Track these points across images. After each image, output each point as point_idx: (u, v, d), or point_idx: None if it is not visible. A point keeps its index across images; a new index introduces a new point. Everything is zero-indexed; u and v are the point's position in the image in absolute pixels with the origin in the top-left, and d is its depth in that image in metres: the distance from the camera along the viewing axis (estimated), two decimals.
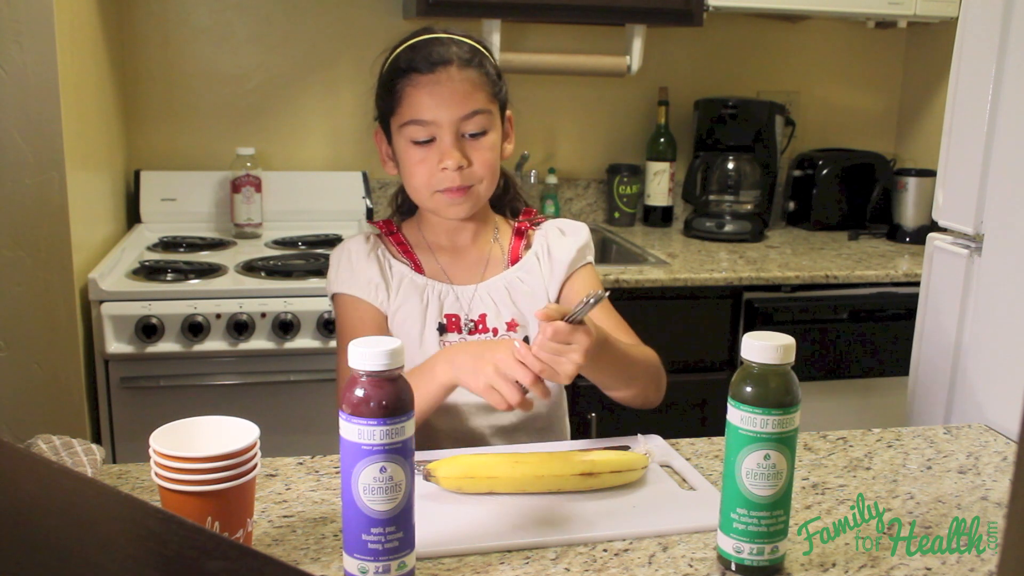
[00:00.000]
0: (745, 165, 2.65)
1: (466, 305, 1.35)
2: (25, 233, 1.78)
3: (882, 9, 2.53)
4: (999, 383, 1.43)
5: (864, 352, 2.33)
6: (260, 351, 1.95)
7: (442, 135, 1.28)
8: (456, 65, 1.28)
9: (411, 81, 1.28)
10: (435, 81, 1.27)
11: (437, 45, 1.30)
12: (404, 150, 1.32)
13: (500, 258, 1.40)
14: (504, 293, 1.36)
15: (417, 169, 1.30)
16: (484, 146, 1.31)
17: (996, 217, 1.45)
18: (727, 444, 0.93)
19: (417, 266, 1.37)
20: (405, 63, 1.30)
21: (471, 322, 1.35)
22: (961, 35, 1.53)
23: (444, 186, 1.30)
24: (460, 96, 1.28)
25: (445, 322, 1.34)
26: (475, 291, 1.36)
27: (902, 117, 3.02)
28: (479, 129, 1.30)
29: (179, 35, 2.51)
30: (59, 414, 1.84)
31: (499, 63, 1.39)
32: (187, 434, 0.93)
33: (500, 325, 1.35)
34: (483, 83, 1.31)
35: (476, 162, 1.30)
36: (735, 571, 0.93)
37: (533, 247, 1.41)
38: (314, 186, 2.54)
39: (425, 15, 2.31)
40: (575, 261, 1.39)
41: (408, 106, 1.29)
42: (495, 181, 1.36)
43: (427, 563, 0.94)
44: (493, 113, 1.32)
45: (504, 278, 1.38)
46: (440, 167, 1.29)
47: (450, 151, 1.28)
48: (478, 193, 1.33)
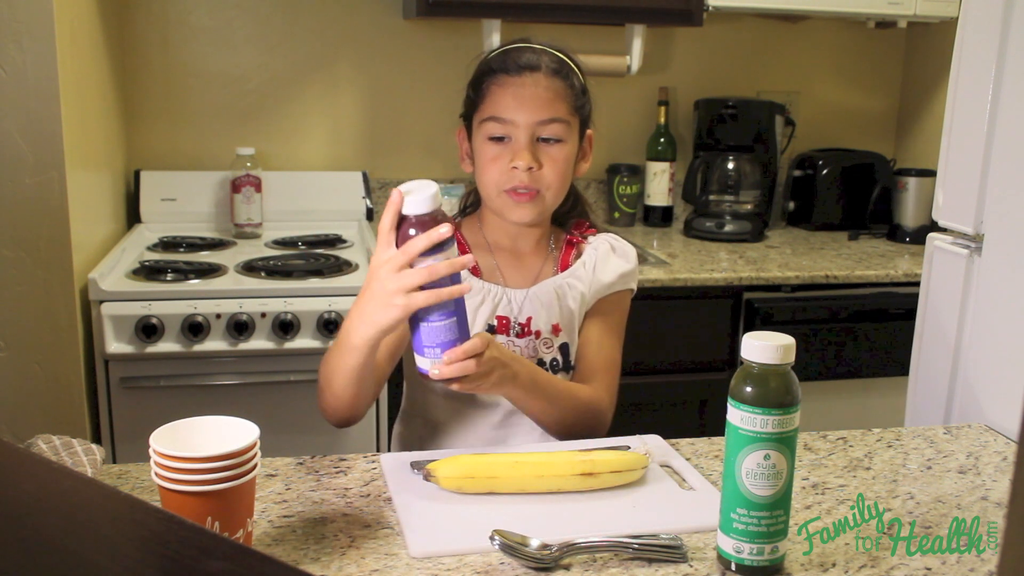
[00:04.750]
0: (745, 165, 2.65)
1: (516, 308, 1.37)
2: (25, 233, 1.78)
3: (882, 9, 2.53)
4: (999, 383, 1.43)
5: (864, 352, 2.33)
6: (260, 351, 1.95)
7: (517, 135, 1.31)
8: (543, 72, 1.32)
9: (497, 80, 1.32)
10: (520, 84, 1.31)
11: (528, 52, 1.33)
12: (480, 146, 1.34)
13: (553, 266, 1.42)
14: (553, 297, 1.38)
15: (490, 166, 1.32)
16: (557, 154, 1.32)
17: (996, 217, 1.45)
18: (727, 444, 0.93)
19: (474, 268, 1.38)
20: (496, 64, 1.34)
21: (519, 325, 1.36)
22: (961, 35, 1.53)
23: (512, 185, 1.31)
24: (542, 101, 1.30)
25: (496, 324, 1.36)
26: (526, 295, 1.37)
27: (902, 117, 3.02)
28: (554, 136, 1.32)
29: (179, 35, 2.51)
30: (59, 414, 1.84)
31: None
32: (187, 434, 0.93)
33: (545, 328, 1.36)
34: (567, 94, 1.33)
35: (546, 167, 1.32)
36: (735, 571, 0.93)
37: (583, 256, 1.42)
38: (314, 186, 2.54)
39: (425, 15, 2.31)
40: (614, 284, 1.41)
41: (490, 103, 1.32)
42: (563, 192, 1.37)
43: (427, 563, 0.94)
44: (572, 125, 1.34)
45: (554, 283, 1.39)
46: (511, 166, 1.30)
47: (522, 152, 1.30)
48: (544, 200, 1.34)
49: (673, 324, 2.23)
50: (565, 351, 1.38)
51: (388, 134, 2.66)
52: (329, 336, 1.95)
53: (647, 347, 2.23)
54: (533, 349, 1.36)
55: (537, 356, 1.36)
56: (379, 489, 1.10)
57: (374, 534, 0.99)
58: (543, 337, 1.37)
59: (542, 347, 1.37)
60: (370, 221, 2.55)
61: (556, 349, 1.37)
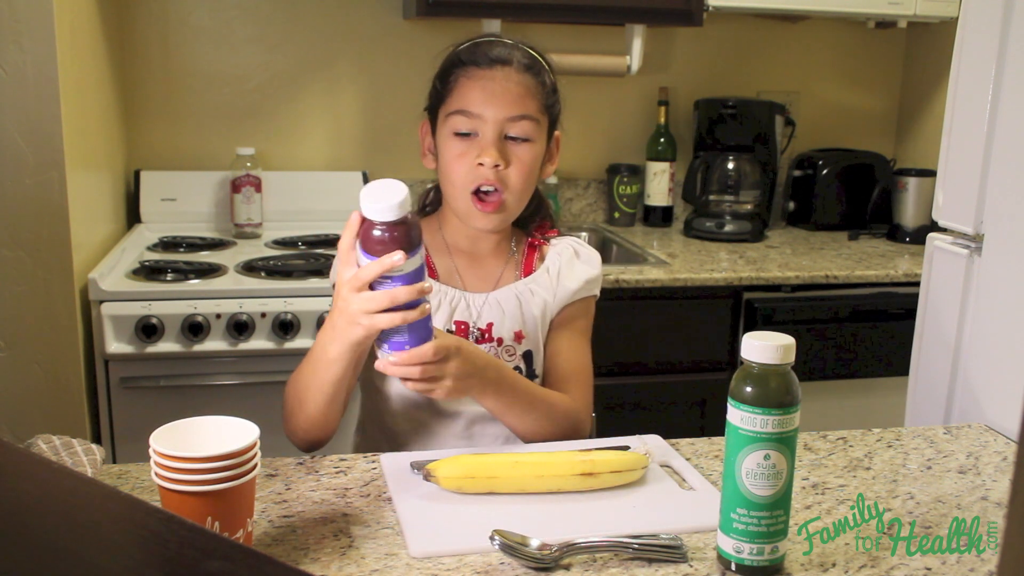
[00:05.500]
0: (745, 165, 2.65)
1: (475, 313, 1.33)
2: (25, 233, 1.78)
3: (882, 9, 2.53)
4: (999, 383, 1.43)
5: (864, 352, 2.33)
6: (260, 351, 1.95)
7: (485, 131, 1.27)
8: (515, 67, 1.28)
9: (467, 73, 1.28)
10: (490, 77, 1.27)
11: (500, 46, 1.30)
12: (445, 141, 1.29)
13: (514, 269, 1.38)
14: (514, 303, 1.34)
15: (454, 163, 1.28)
16: (524, 154, 1.28)
17: (996, 217, 1.45)
18: (727, 444, 0.93)
19: (431, 270, 1.34)
20: (465, 57, 1.29)
21: (478, 330, 1.32)
22: (961, 35, 1.53)
23: (478, 183, 1.27)
24: (512, 97, 1.27)
25: (454, 328, 1.32)
26: (485, 299, 1.34)
27: (902, 117, 3.02)
28: (523, 134, 1.28)
29: (179, 35, 2.51)
30: (59, 414, 1.85)
31: None
32: (187, 434, 0.93)
33: (506, 335, 1.33)
34: (537, 92, 1.30)
35: (513, 167, 1.27)
36: (735, 571, 0.93)
37: (546, 262, 1.38)
38: (314, 186, 2.55)
39: (425, 15, 2.31)
40: (579, 291, 1.36)
41: (458, 96, 1.28)
42: (527, 196, 1.33)
43: (427, 563, 0.94)
44: (541, 124, 1.30)
45: (515, 288, 1.35)
46: (476, 162, 1.26)
47: (489, 148, 1.26)
48: (507, 206, 1.30)
49: (673, 324, 2.23)
50: (529, 359, 1.34)
51: (388, 134, 2.66)
52: None
53: (647, 347, 2.23)
54: (495, 356, 1.31)
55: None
56: (379, 489, 1.10)
57: (374, 534, 0.99)
58: (505, 344, 1.32)
59: (504, 355, 1.32)
60: None
61: (519, 357, 1.33)
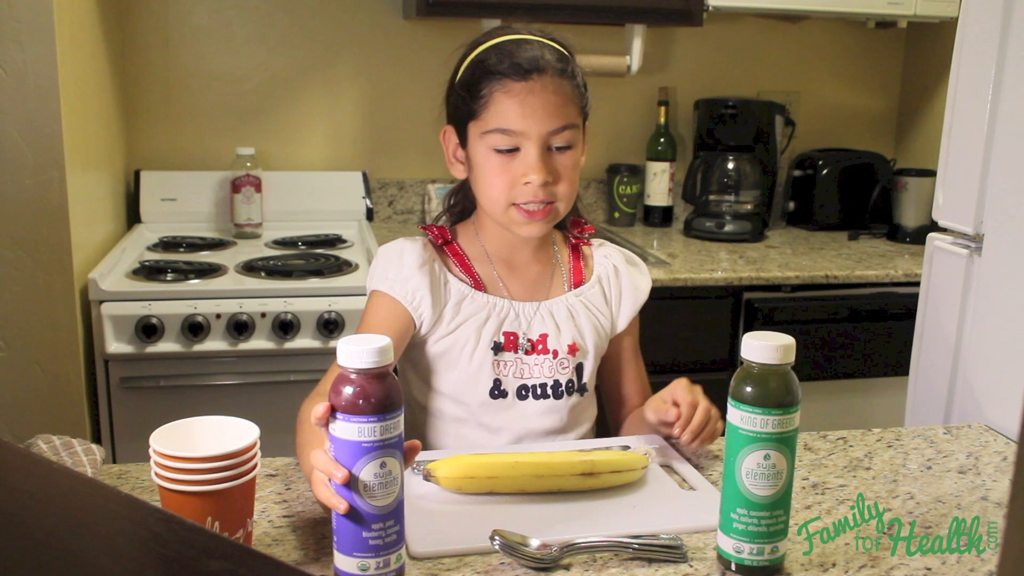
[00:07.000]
0: (745, 165, 2.65)
1: (525, 324, 1.29)
2: (25, 233, 1.78)
3: (882, 9, 2.53)
4: (999, 383, 1.43)
5: (864, 352, 2.33)
6: (260, 351, 1.95)
7: (527, 147, 1.21)
8: (550, 73, 1.21)
9: (502, 87, 1.20)
10: (528, 90, 1.19)
11: (528, 48, 1.22)
12: (483, 157, 1.23)
13: (562, 277, 1.35)
14: (567, 315, 1.31)
15: (497, 180, 1.22)
16: (569, 162, 1.24)
17: (996, 217, 1.45)
18: (727, 444, 0.93)
19: (476, 282, 1.29)
20: (496, 66, 1.21)
21: (528, 342, 1.29)
22: (961, 35, 1.53)
23: (525, 199, 1.22)
24: (553, 108, 1.20)
25: (502, 340, 1.27)
26: (537, 309, 1.30)
27: (902, 117, 3.02)
28: (566, 143, 1.23)
29: (179, 35, 2.51)
30: (59, 414, 1.85)
31: None
32: (187, 434, 0.93)
33: (561, 347, 1.29)
34: (574, 95, 1.24)
35: (562, 178, 1.23)
36: (735, 571, 0.93)
37: (596, 271, 1.36)
38: (314, 186, 2.55)
39: (425, 15, 2.31)
40: (640, 302, 1.38)
41: (496, 113, 1.20)
42: (573, 200, 1.28)
43: (427, 563, 0.94)
44: (580, 127, 1.26)
45: (567, 300, 1.32)
46: (523, 180, 1.21)
47: (536, 165, 1.20)
48: (557, 212, 1.25)
49: (673, 324, 2.23)
50: (580, 371, 1.32)
51: (388, 134, 2.66)
52: (329, 336, 1.95)
53: (647, 347, 2.21)
54: (549, 369, 1.29)
55: (553, 376, 1.29)
56: None
57: None
58: (560, 356, 1.29)
59: (559, 367, 1.29)
60: (370, 221, 2.55)
61: (572, 370, 1.30)
